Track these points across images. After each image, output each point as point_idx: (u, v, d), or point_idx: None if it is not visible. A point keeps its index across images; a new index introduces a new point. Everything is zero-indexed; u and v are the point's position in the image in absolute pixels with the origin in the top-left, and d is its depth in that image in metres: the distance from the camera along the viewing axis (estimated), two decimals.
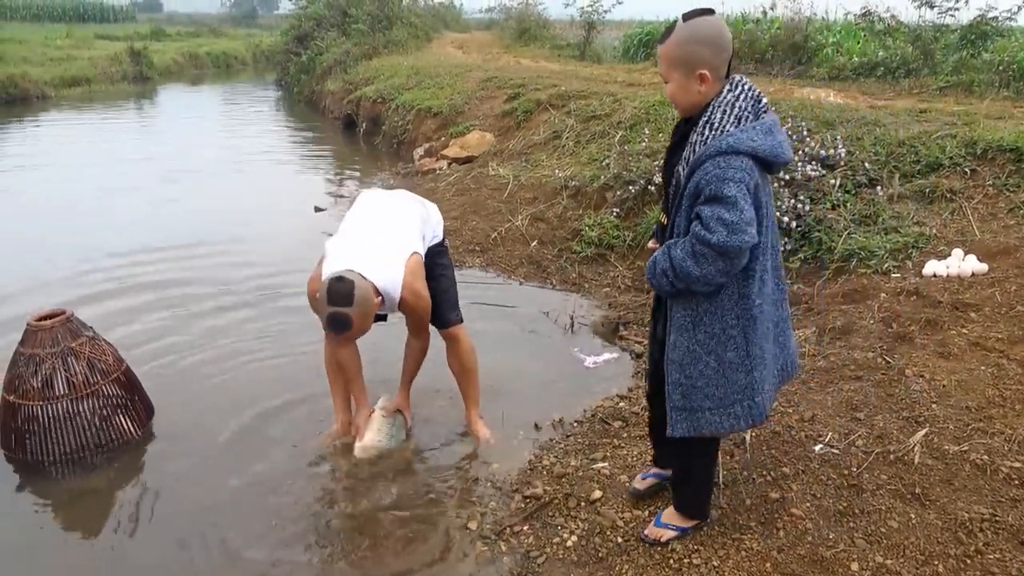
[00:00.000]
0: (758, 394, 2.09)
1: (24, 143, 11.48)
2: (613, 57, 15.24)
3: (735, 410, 2.09)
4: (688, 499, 2.42)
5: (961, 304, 3.60)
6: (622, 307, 4.65)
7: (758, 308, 2.02)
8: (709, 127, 1.96)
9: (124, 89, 20.47)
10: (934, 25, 9.76)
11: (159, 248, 5.90)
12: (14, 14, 34.44)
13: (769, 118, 1.97)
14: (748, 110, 1.95)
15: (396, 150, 10.38)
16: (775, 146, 1.94)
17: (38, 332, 3.12)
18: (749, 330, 2.03)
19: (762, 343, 2.06)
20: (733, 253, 1.90)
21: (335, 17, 18.94)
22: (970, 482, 2.48)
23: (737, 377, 2.07)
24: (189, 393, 3.66)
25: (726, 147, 1.90)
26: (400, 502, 2.88)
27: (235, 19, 54.10)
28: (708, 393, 2.09)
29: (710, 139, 1.94)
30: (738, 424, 2.12)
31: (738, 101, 1.95)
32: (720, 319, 2.03)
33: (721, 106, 1.96)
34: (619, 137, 6.89)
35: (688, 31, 1.95)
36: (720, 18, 1.99)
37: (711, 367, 2.07)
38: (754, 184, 1.92)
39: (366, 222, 2.92)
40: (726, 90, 1.97)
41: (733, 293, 2.01)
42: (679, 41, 1.96)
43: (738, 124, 1.93)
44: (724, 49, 1.96)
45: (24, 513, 2.87)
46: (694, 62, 1.94)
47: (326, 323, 2.65)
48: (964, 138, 5.01)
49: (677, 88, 2.01)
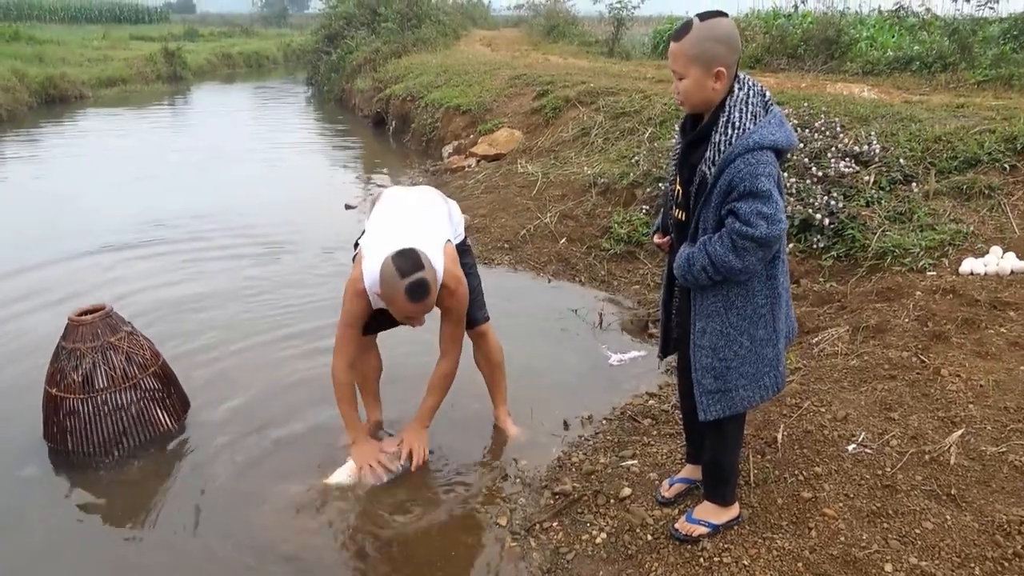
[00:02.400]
0: (781, 363, 2.24)
1: (67, 141, 11.75)
2: (642, 53, 15.16)
3: (765, 382, 2.22)
4: (721, 487, 2.43)
5: (999, 303, 3.53)
6: (652, 304, 4.63)
7: (782, 285, 2.17)
8: (731, 126, 2.04)
9: (159, 89, 20.87)
10: (972, 19, 9.55)
11: (194, 244, 6.01)
12: (52, 16, 35.24)
13: (776, 110, 2.09)
14: (759, 105, 2.06)
15: (425, 148, 10.43)
16: (788, 136, 2.07)
17: (79, 327, 3.20)
18: (776, 307, 2.17)
19: (784, 318, 2.22)
20: (774, 242, 2.04)
21: (365, 16, 19.08)
22: (1008, 484, 2.44)
23: (766, 352, 2.19)
24: (225, 387, 3.72)
25: (753, 144, 2.00)
26: (430, 498, 2.91)
27: (266, 19, 54.82)
28: (743, 372, 2.19)
29: (734, 138, 2.03)
30: (767, 394, 2.24)
31: (750, 99, 2.05)
32: (751, 300, 2.15)
33: (738, 105, 2.05)
34: (648, 134, 6.86)
35: (708, 29, 2.02)
36: (733, 22, 2.09)
37: (744, 346, 2.17)
38: (778, 174, 2.05)
39: (397, 217, 2.88)
40: (736, 89, 2.06)
41: (763, 275, 2.14)
42: (699, 38, 2.02)
43: (755, 121, 2.04)
44: (737, 50, 2.06)
45: (64, 503, 2.95)
46: (713, 60, 2.01)
47: (407, 296, 2.50)
48: (1003, 133, 4.91)
49: (693, 85, 2.06)
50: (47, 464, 3.18)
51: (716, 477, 2.45)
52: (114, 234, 6.31)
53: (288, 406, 3.54)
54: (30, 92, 15.73)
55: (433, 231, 2.83)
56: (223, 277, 5.29)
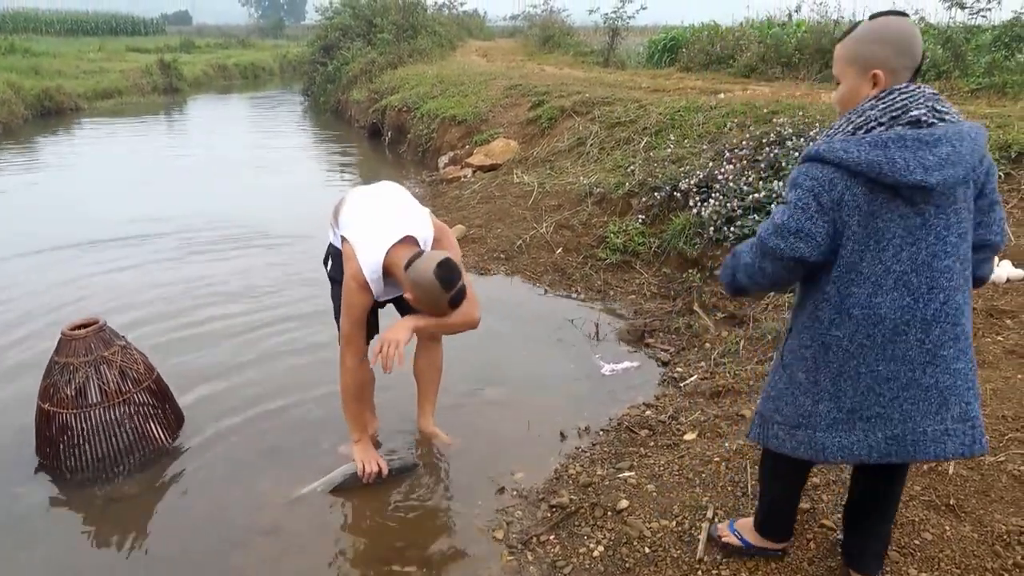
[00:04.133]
0: (821, 429, 1.90)
1: (63, 150, 11.75)
2: (637, 63, 15.22)
3: (799, 435, 1.95)
4: (760, 510, 2.32)
5: (996, 311, 3.54)
6: (648, 314, 4.62)
7: (834, 339, 1.84)
8: (827, 132, 1.83)
9: (155, 100, 20.89)
10: (965, 26, 9.59)
11: (189, 253, 5.99)
12: (49, 28, 35.34)
13: (900, 131, 1.70)
14: (880, 120, 1.74)
15: (421, 158, 10.44)
16: (879, 161, 1.68)
17: (72, 341, 3.18)
18: (820, 357, 1.87)
19: (838, 380, 1.86)
20: (770, 255, 1.85)
21: (361, 27, 19.13)
22: (1007, 493, 2.43)
23: (803, 401, 1.93)
24: (220, 399, 3.70)
25: (813, 153, 1.78)
26: (427, 511, 2.89)
27: (263, 30, 55.00)
28: (779, 408, 2.00)
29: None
30: (799, 450, 1.96)
31: (873, 110, 1.76)
32: (798, 335, 1.94)
33: (851, 113, 1.80)
34: (644, 143, 6.87)
35: (870, 29, 1.79)
36: (912, 23, 1.80)
37: (783, 380, 1.99)
38: (831, 199, 1.75)
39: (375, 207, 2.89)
40: (872, 96, 1.78)
41: (809, 313, 1.90)
42: (858, 38, 1.81)
43: (854, 133, 1.76)
44: (905, 53, 1.76)
45: (55, 520, 2.92)
46: (869, 61, 1.78)
47: (450, 304, 2.58)
48: (997, 141, 4.92)
49: (847, 89, 1.84)
50: (40, 479, 3.15)
51: (760, 499, 2.33)
52: (108, 242, 6.30)
53: (284, 418, 3.52)
54: (26, 104, 15.72)
55: (419, 212, 2.88)
56: (218, 287, 5.26)
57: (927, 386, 1.80)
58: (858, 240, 1.76)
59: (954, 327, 1.79)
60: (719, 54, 12.53)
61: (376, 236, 2.70)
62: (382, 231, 2.71)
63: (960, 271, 1.78)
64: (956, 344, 1.80)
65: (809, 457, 1.96)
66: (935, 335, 1.78)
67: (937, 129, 1.70)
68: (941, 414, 1.82)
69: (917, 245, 1.74)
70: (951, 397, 1.81)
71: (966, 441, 1.83)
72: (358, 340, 2.86)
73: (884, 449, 1.85)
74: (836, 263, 1.80)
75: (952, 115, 1.74)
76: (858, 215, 1.74)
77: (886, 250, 1.75)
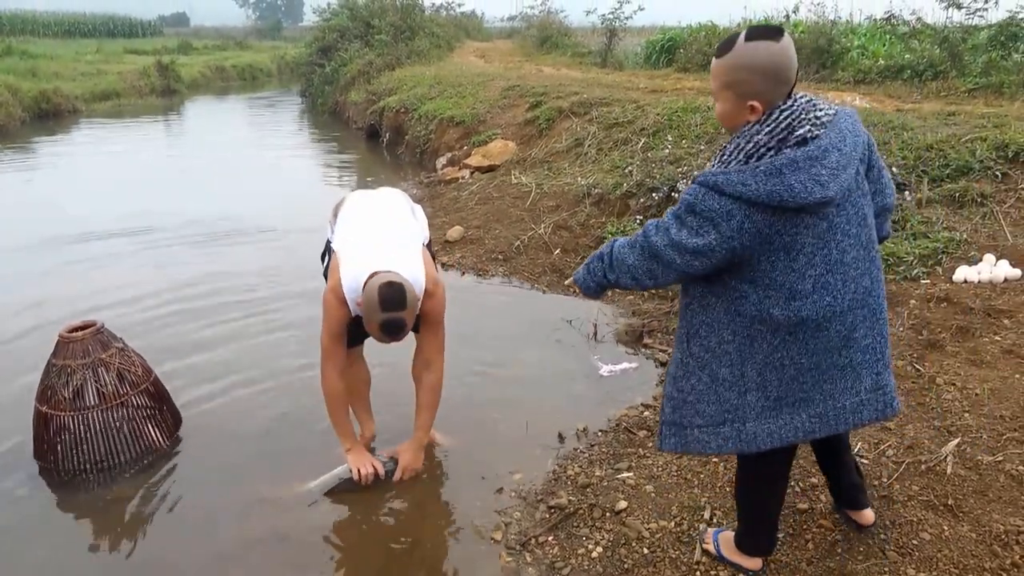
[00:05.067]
0: (750, 420, 1.95)
1: (60, 150, 11.74)
2: (635, 64, 15.21)
3: (724, 431, 1.98)
4: (739, 519, 2.29)
5: (993, 310, 3.54)
6: (646, 315, 4.62)
7: (758, 332, 1.88)
8: (719, 157, 1.84)
9: (152, 102, 20.87)
10: (962, 26, 9.61)
11: (188, 255, 5.99)
12: (46, 30, 35.33)
13: (790, 154, 1.73)
14: (768, 144, 1.76)
15: (419, 160, 10.44)
16: (777, 190, 1.71)
17: (69, 343, 3.17)
18: (745, 350, 1.91)
19: (764, 371, 1.91)
20: (661, 260, 1.89)
21: (358, 28, 19.13)
22: (1005, 493, 2.43)
23: (729, 396, 1.96)
24: (219, 402, 3.70)
25: (711, 182, 1.78)
26: (425, 512, 2.89)
27: (260, 32, 55.01)
28: (699, 410, 2.00)
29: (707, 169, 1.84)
30: (726, 446, 1.99)
31: (759, 135, 1.77)
32: (716, 331, 1.94)
33: (739, 138, 1.81)
34: (642, 144, 6.88)
35: (745, 56, 1.78)
36: (787, 43, 1.78)
37: (703, 382, 1.98)
38: (731, 228, 1.76)
39: (372, 221, 2.88)
40: (757, 120, 1.80)
41: (728, 309, 1.91)
42: (733, 64, 1.80)
43: (746, 161, 1.77)
44: (781, 80, 1.78)
45: (54, 522, 2.92)
46: (745, 91, 1.79)
47: (380, 328, 2.55)
48: (995, 141, 4.93)
49: (725, 111, 1.88)
50: (37, 482, 3.14)
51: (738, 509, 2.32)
52: (106, 244, 6.29)
53: (282, 420, 3.51)
54: (23, 106, 15.70)
55: (409, 235, 2.86)
56: (217, 288, 5.26)
57: (842, 366, 1.92)
58: (766, 254, 1.81)
59: (863, 308, 1.90)
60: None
61: (363, 257, 2.69)
62: (370, 253, 2.69)
63: (866, 255, 1.88)
64: (866, 323, 1.91)
65: (738, 450, 2.00)
66: (849, 321, 1.88)
67: (822, 140, 1.76)
68: (856, 387, 1.94)
69: (827, 247, 1.81)
70: (863, 371, 1.94)
71: (879, 407, 1.97)
72: (337, 352, 2.85)
73: (809, 427, 1.95)
74: (748, 269, 1.84)
75: (828, 114, 1.80)
76: (759, 238, 1.78)
77: (798, 259, 1.81)
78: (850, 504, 2.39)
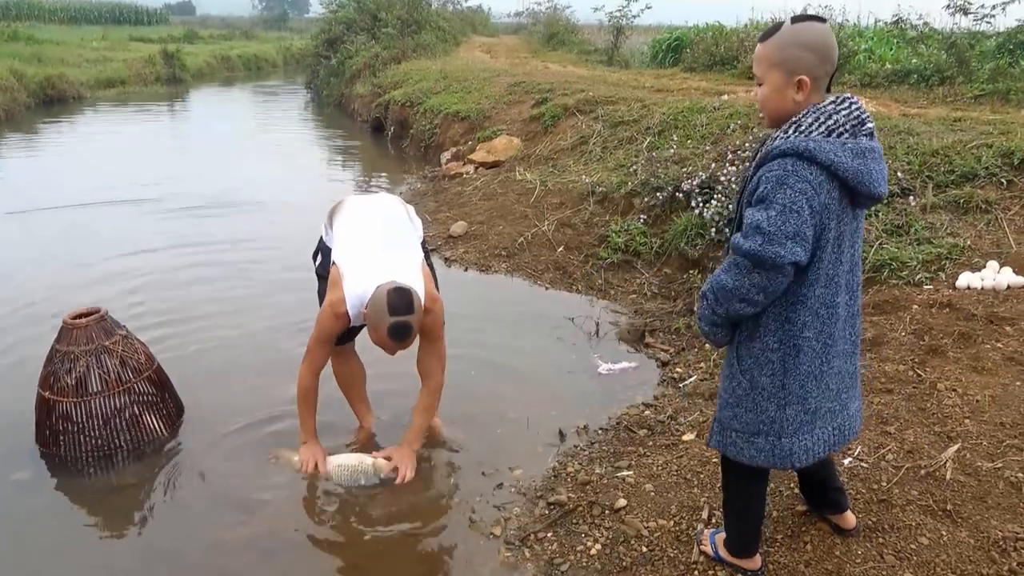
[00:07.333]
0: (787, 435, 1.93)
1: (64, 138, 11.73)
2: (641, 62, 15.22)
3: (759, 442, 1.96)
4: (728, 527, 2.30)
5: (996, 317, 3.54)
6: (648, 314, 4.63)
7: (806, 340, 1.86)
8: (795, 127, 1.79)
9: (157, 90, 20.86)
10: (969, 32, 9.59)
11: (192, 246, 6.00)
12: (52, 16, 35.28)
13: (866, 143, 1.77)
14: (845, 127, 1.76)
15: (423, 154, 10.43)
16: (862, 171, 1.74)
17: (73, 330, 3.18)
18: (790, 360, 1.88)
19: (806, 383, 1.90)
20: (768, 265, 1.75)
21: (365, 21, 19.09)
22: (1004, 500, 2.44)
23: (767, 407, 1.93)
24: (221, 391, 3.71)
25: (803, 149, 1.73)
26: (424, 507, 2.90)
27: (266, 22, 54.98)
28: (738, 415, 2.00)
29: (791, 137, 1.78)
30: (759, 458, 1.98)
31: (837, 114, 1.77)
32: (760, 338, 1.91)
33: (816, 112, 1.78)
34: (647, 143, 6.87)
35: (794, 34, 1.79)
36: (830, 29, 1.82)
37: (743, 387, 1.96)
38: (819, 203, 1.74)
39: (372, 235, 2.89)
40: (828, 101, 1.79)
41: (778, 315, 1.87)
42: (782, 43, 1.80)
43: (828, 136, 1.75)
44: (828, 60, 1.79)
45: (56, 508, 2.93)
46: (795, 66, 1.78)
47: (388, 332, 2.56)
48: (1000, 148, 4.92)
49: (772, 91, 1.84)
50: (39, 468, 3.15)
51: (725, 513, 2.31)
52: (112, 232, 6.30)
53: (284, 410, 3.51)
54: (28, 92, 15.70)
55: (410, 250, 2.89)
56: (222, 282, 5.27)
57: (852, 372, 1.99)
58: (826, 241, 1.81)
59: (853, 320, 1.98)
60: (723, 55, 12.53)
61: (367, 272, 2.71)
62: (373, 267, 2.71)
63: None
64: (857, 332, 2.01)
65: (770, 465, 1.99)
66: (856, 326, 1.97)
67: (876, 144, 1.81)
68: (856, 393, 2.05)
69: (854, 247, 1.89)
70: (856, 378, 2.05)
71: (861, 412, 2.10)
72: (321, 355, 2.91)
73: (832, 440, 2.00)
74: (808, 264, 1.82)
75: None
76: (835, 219, 1.80)
77: (843, 252, 1.85)
78: (833, 507, 2.36)
